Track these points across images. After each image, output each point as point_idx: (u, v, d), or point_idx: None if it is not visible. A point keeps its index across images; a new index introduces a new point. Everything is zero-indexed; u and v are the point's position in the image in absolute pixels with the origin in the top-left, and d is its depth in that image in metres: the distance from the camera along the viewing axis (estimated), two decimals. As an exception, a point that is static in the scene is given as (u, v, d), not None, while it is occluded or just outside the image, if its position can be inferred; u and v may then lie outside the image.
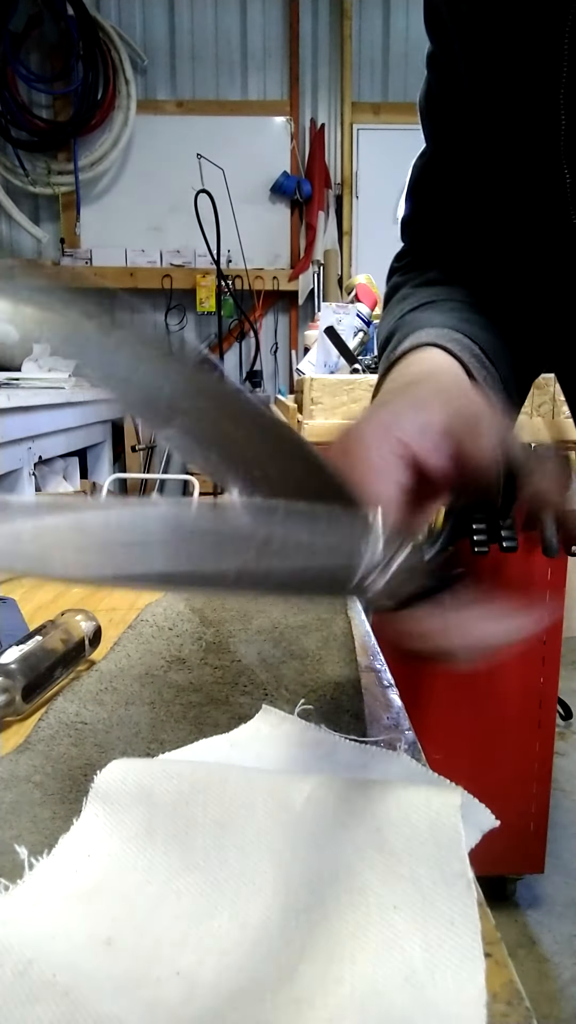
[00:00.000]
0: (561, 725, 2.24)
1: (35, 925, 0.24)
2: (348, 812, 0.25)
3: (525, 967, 1.41)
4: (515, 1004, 0.22)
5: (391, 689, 0.44)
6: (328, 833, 0.25)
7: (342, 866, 0.24)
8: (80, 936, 0.23)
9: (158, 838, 0.27)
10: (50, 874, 0.26)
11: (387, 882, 0.23)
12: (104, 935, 0.23)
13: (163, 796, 0.28)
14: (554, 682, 1.45)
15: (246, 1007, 0.20)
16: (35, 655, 0.42)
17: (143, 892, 0.25)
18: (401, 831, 0.24)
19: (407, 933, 0.22)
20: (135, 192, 3.49)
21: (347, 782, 0.27)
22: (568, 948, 1.46)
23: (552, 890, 1.60)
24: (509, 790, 1.46)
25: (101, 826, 0.28)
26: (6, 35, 3.21)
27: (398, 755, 0.33)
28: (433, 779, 0.31)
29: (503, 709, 1.46)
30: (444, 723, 1.46)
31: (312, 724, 0.36)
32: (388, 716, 0.40)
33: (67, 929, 0.24)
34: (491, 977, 0.23)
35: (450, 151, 0.63)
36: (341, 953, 0.21)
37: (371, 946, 0.21)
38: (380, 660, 0.49)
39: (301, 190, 3.43)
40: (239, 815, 0.26)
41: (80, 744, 0.36)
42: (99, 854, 0.27)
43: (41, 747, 0.36)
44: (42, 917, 0.24)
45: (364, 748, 0.34)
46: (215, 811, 0.27)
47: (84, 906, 0.25)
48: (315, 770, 0.31)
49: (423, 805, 0.25)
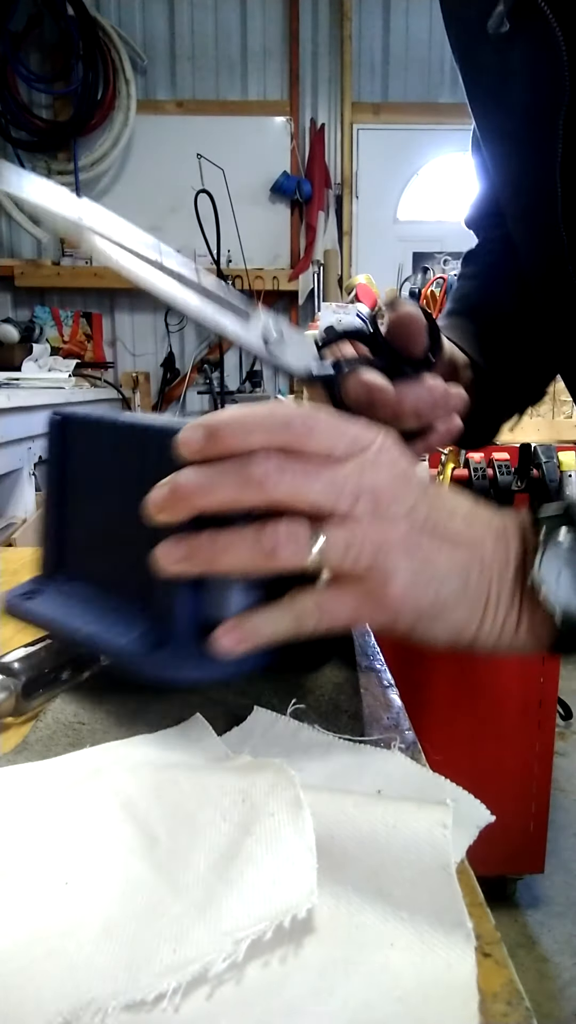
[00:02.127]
0: (561, 725, 2.24)
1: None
2: (342, 851, 0.26)
3: (525, 967, 1.41)
4: (515, 1004, 0.22)
5: (391, 689, 0.44)
6: (327, 874, 0.25)
7: (341, 902, 0.24)
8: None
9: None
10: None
11: (386, 923, 0.24)
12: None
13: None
14: (554, 682, 1.45)
15: (235, 1014, 0.21)
16: (39, 655, 0.42)
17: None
18: (400, 875, 0.24)
19: (402, 967, 0.22)
20: (135, 192, 3.48)
21: (333, 816, 0.27)
22: (568, 948, 1.46)
23: (552, 890, 1.60)
24: (509, 790, 1.46)
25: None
26: (6, 35, 3.21)
27: (393, 754, 0.33)
28: (428, 778, 0.32)
29: (503, 709, 1.46)
30: (444, 723, 1.46)
31: (305, 724, 0.36)
32: (388, 716, 0.40)
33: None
34: (491, 977, 0.23)
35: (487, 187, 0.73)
36: (333, 969, 0.22)
37: (365, 969, 0.22)
38: (380, 660, 0.49)
39: (301, 190, 3.43)
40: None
41: (78, 744, 0.36)
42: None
43: (39, 747, 0.36)
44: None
45: (359, 748, 0.34)
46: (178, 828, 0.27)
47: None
48: (308, 772, 0.32)
49: (416, 844, 0.25)
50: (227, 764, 0.30)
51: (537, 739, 1.46)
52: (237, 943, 0.21)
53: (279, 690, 0.43)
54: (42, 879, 0.25)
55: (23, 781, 0.31)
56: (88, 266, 3.41)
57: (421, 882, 0.24)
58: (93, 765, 0.33)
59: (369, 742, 0.35)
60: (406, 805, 0.26)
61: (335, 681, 0.44)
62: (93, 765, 0.33)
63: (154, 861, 0.26)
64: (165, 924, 0.23)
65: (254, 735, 0.36)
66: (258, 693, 0.42)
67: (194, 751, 0.34)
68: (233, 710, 0.40)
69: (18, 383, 2.17)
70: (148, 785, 0.30)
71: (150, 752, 0.34)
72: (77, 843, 0.27)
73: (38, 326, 3.18)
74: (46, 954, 0.22)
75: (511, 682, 1.45)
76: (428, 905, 0.23)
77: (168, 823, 0.27)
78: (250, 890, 0.23)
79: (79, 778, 0.31)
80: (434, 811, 0.25)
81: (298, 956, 0.22)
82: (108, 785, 0.30)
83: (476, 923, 0.25)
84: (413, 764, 0.33)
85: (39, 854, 0.26)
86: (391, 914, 0.24)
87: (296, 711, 0.38)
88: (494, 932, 0.25)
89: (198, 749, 0.34)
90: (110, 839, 0.27)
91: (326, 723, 0.38)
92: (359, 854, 0.25)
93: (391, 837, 0.25)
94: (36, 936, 0.23)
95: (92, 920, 0.23)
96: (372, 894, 0.24)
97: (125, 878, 0.25)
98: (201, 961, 0.21)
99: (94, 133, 3.39)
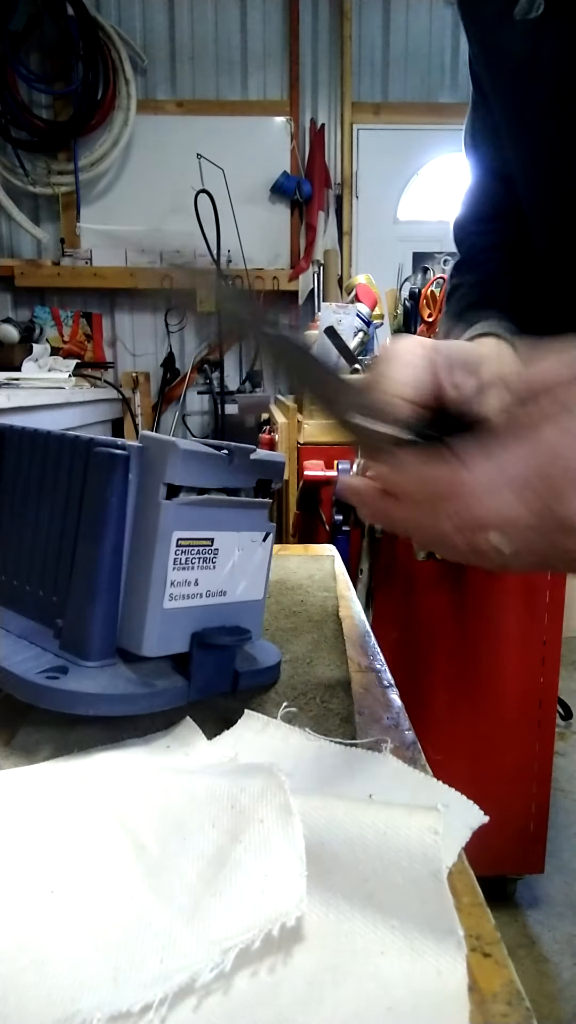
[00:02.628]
0: (561, 725, 2.23)
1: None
2: (332, 858, 0.25)
3: (525, 967, 1.41)
4: (515, 1004, 0.22)
5: (391, 689, 0.44)
6: (316, 881, 0.25)
7: (331, 910, 0.24)
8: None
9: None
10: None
11: (376, 930, 0.23)
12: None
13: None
14: (554, 682, 1.45)
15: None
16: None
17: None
18: (390, 882, 0.24)
19: (392, 975, 0.22)
20: (135, 192, 3.48)
21: (324, 821, 0.27)
22: (568, 948, 1.46)
23: (552, 890, 1.60)
24: (509, 790, 1.46)
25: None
26: (6, 35, 3.20)
27: (384, 756, 0.33)
28: (420, 781, 0.31)
29: (503, 709, 1.46)
30: (444, 723, 1.46)
31: (296, 728, 0.36)
32: (388, 716, 0.40)
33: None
34: (491, 977, 0.23)
35: (489, 179, 0.74)
36: (323, 978, 0.22)
37: (354, 978, 0.22)
38: (380, 660, 0.48)
39: (301, 190, 3.43)
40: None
41: (65, 749, 0.36)
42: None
43: (24, 752, 0.36)
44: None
45: (350, 751, 0.34)
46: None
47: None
48: (298, 776, 0.31)
49: (407, 850, 0.25)
50: (216, 769, 0.30)
51: (537, 739, 1.46)
52: (225, 952, 0.21)
53: (270, 692, 0.42)
54: (27, 887, 0.25)
55: (8, 787, 0.31)
56: (88, 266, 3.41)
57: (412, 889, 0.24)
58: (80, 770, 0.32)
59: (360, 745, 0.35)
60: (397, 811, 0.26)
61: (327, 684, 0.44)
62: (80, 770, 0.32)
63: (141, 869, 0.25)
64: (152, 933, 0.22)
65: (244, 739, 0.35)
66: (248, 695, 0.42)
67: (183, 756, 0.34)
68: (223, 713, 0.40)
69: (18, 383, 2.17)
70: (136, 791, 0.29)
71: (139, 757, 0.34)
72: (63, 850, 0.26)
73: (38, 326, 3.17)
74: (30, 964, 0.21)
75: (511, 682, 1.45)
76: (419, 912, 0.23)
77: (156, 830, 0.27)
78: (238, 898, 0.23)
79: (66, 784, 0.31)
80: (425, 817, 0.25)
81: (287, 965, 0.22)
82: (95, 791, 0.30)
83: (476, 923, 0.25)
84: (404, 766, 0.32)
85: (24, 861, 0.26)
86: (381, 921, 0.23)
87: (287, 714, 0.38)
88: (494, 932, 0.24)
89: (187, 754, 0.34)
90: (97, 846, 0.27)
91: (317, 726, 0.38)
92: (349, 860, 0.25)
93: (381, 843, 0.24)
94: (20, 946, 0.22)
95: (78, 929, 0.23)
96: (362, 901, 0.24)
97: (112, 886, 0.25)
98: (188, 971, 0.21)
99: (94, 133, 3.39)
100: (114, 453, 0.37)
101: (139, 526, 0.38)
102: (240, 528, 0.41)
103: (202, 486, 0.39)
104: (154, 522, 0.37)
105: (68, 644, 0.39)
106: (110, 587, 0.38)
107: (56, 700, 0.35)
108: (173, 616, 0.39)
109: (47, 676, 0.37)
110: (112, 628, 0.39)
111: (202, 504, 0.39)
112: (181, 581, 0.39)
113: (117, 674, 0.38)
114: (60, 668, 0.38)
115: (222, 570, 0.41)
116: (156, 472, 0.37)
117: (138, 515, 0.38)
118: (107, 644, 0.39)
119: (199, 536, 0.39)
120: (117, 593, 0.39)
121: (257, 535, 0.43)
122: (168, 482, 0.37)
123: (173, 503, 0.37)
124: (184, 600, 0.39)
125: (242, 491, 0.42)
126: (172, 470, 0.37)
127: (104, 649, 0.39)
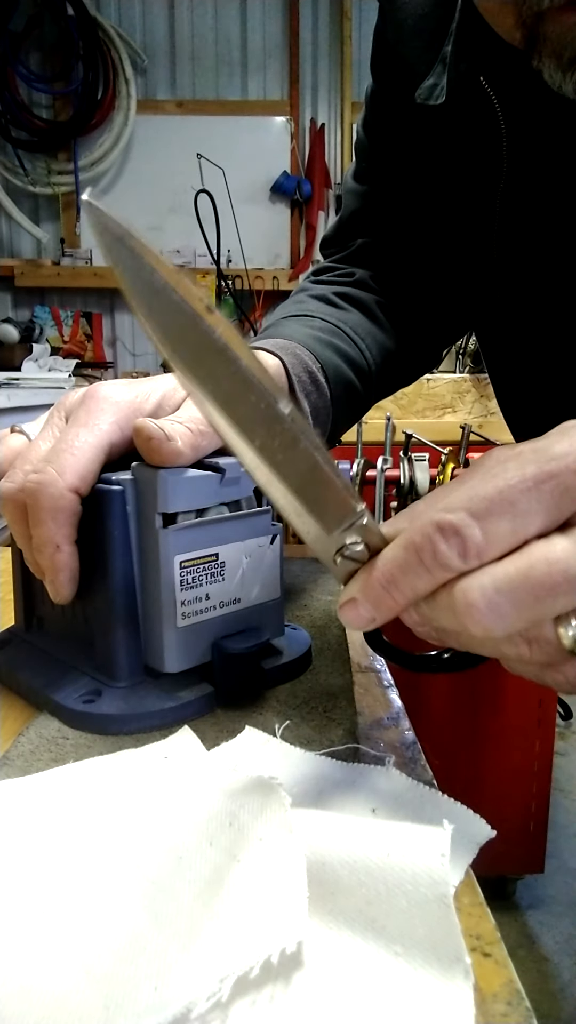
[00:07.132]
0: (561, 725, 2.23)
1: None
2: (334, 880, 0.24)
3: (525, 967, 1.41)
4: (515, 1004, 0.21)
5: (391, 689, 0.44)
6: (318, 904, 0.24)
7: (333, 935, 0.23)
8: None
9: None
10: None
11: (379, 957, 0.22)
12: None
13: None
14: (554, 683, 1.45)
15: None
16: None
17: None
18: (395, 907, 0.23)
19: (397, 1004, 0.21)
20: (135, 192, 3.48)
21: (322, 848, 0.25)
22: (568, 948, 1.46)
23: (552, 890, 1.60)
24: (509, 790, 1.46)
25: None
26: (6, 35, 3.20)
27: (388, 771, 0.32)
28: (425, 795, 0.30)
29: (503, 709, 1.46)
30: (444, 723, 1.46)
31: (296, 748, 0.35)
32: (388, 716, 0.40)
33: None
34: (491, 977, 0.22)
35: (384, 183, 0.73)
36: (324, 1007, 0.21)
37: (357, 1007, 0.21)
38: (380, 660, 0.48)
39: (301, 190, 3.42)
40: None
41: (61, 760, 0.35)
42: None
43: (20, 763, 0.35)
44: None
45: (352, 766, 0.33)
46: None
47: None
48: (300, 791, 0.30)
49: (412, 873, 0.24)
50: (215, 783, 0.28)
51: (537, 739, 1.46)
52: (222, 981, 0.20)
53: (270, 700, 0.42)
54: (14, 908, 0.24)
55: (0, 799, 0.30)
56: (88, 266, 3.41)
57: (417, 914, 0.22)
58: (75, 783, 0.32)
59: (364, 761, 0.34)
60: (402, 831, 0.25)
61: (329, 691, 0.43)
62: (75, 783, 0.32)
63: (135, 889, 0.24)
64: (146, 959, 0.21)
65: (243, 754, 0.34)
66: (252, 705, 0.41)
67: (181, 768, 0.33)
68: (222, 721, 0.39)
69: (18, 383, 2.17)
70: (131, 807, 0.29)
71: (135, 769, 0.33)
72: (53, 869, 0.25)
73: (38, 326, 3.18)
74: (17, 992, 0.20)
75: (511, 682, 1.45)
76: (424, 939, 0.22)
77: (151, 848, 0.26)
78: (237, 922, 0.22)
79: (59, 798, 0.30)
80: (431, 837, 0.24)
81: (287, 994, 0.21)
82: (89, 806, 0.29)
83: (476, 923, 0.25)
84: (408, 780, 0.32)
85: (11, 880, 0.25)
86: (385, 948, 0.22)
87: (288, 729, 0.37)
88: (494, 932, 0.24)
89: (185, 765, 0.33)
90: (88, 865, 0.26)
91: (319, 736, 0.37)
92: (352, 883, 0.24)
93: (386, 866, 0.23)
94: (6, 972, 0.21)
95: (67, 954, 0.22)
96: (365, 926, 0.23)
97: (104, 908, 0.24)
98: (183, 1001, 0.19)
99: (94, 133, 3.38)
100: (110, 490, 0.38)
101: (143, 554, 0.39)
102: (244, 537, 0.42)
103: (198, 507, 0.39)
104: (155, 550, 0.38)
105: (100, 667, 0.41)
106: (127, 612, 0.40)
107: (92, 723, 0.38)
108: (189, 632, 0.40)
109: (83, 700, 0.39)
110: (136, 649, 0.40)
111: (201, 524, 0.39)
112: (191, 599, 0.39)
113: (147, 691, 0.40)
114: (95, 691, 0.40)
115: (232, 580, 0.41)
116: (150, 503, 0.38)
117: (141, 543, 0.39)
118: (134, 664, 0.41)
119: (202, 554, 0.40)
120: (135, 617, 0.40)
121: (264, 540, 0.43)
122: (162, 511, 0.38)
123: (170, 530, 0.38)
124: (198, 615, 0.40)
125: (242, 500, 0.42)
126: (163, 500, 0.38)
127: (132, 669, 0.40)
